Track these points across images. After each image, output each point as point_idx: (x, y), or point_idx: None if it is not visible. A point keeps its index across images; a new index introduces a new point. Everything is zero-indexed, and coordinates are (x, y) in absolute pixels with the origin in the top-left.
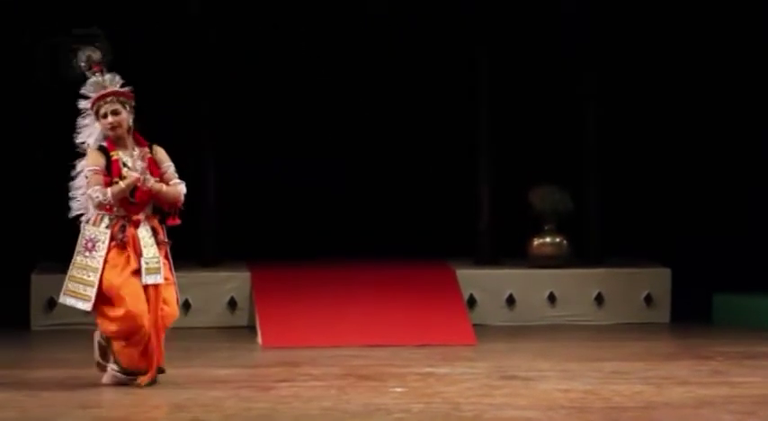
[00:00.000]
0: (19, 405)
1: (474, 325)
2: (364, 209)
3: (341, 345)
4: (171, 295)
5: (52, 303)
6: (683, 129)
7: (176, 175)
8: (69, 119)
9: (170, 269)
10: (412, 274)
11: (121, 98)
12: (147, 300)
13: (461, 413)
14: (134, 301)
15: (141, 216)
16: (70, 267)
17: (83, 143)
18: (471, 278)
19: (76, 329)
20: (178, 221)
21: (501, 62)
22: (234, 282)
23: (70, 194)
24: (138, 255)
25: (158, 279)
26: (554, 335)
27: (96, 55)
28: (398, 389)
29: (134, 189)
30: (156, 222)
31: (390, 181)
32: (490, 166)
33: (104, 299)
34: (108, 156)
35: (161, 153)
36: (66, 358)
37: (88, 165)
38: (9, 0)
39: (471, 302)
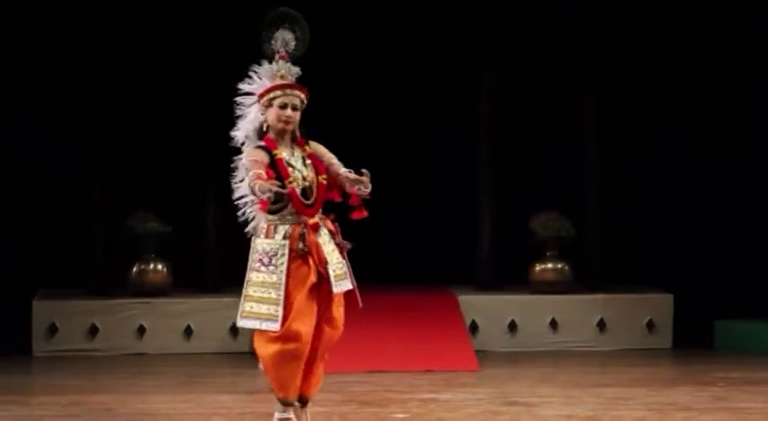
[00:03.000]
0: None
1: (476, 351)
2: (366, 234)
3: (343, 371)
4: (340, 314)
5: (54, 329)
6: (686, 156)
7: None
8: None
9: (351, 275)
10: (414, 300)
11: (302, 95)
12: (322, 314)
13: None
14: (299, 320)
15: (317, 219)
16: (245, 286)
17: (239, 140)
18: (473, 304)
19: (78, 355)
20: (366, 213)
21: (505, 83)
22: (236, 307)
23: (237, 202)
24: (323, 262)
25: (347, 285)
26: (556, 361)
27: (291, 41)
28: (400, 416)
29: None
30: (330, 224)
31: (392, 207)
32: (492, 193)
33: None
34: (271, 155)
35: (320, 147)
36: (67, 384)
37: (248, 156)
38: None
39: (473, 328)
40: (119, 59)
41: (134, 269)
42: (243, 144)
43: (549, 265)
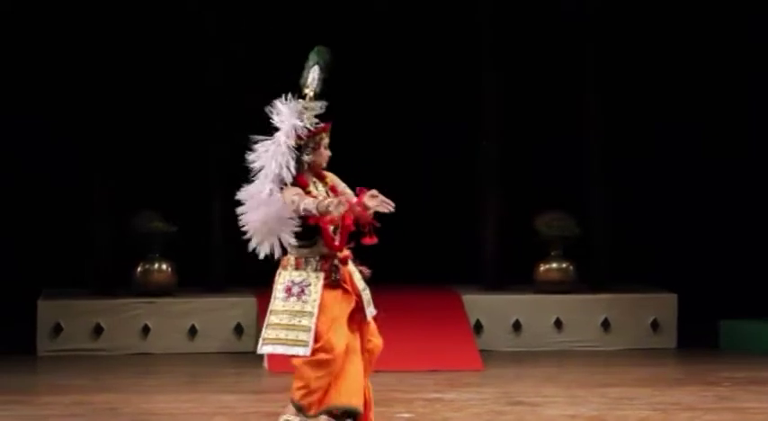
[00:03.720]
0: None
1: (480, 350)
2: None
3: None
4: (374, 327)
5: (58, 329)
6: (691, 155)
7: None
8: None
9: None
10: (419, 300)
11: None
12: (360, 336)
13: None
14: (336, 336)
15: (347, 251)
16: (268, 315)
17: (263, 169)
18: (478, 303)
19: (83, 355)
20: (375, 240)
21: (507, 83)
22: (240, 307)
23: (243, 226)
24: (357, 291)
25: (373, 310)
26: (560, 361)
27: (320, 80)
28: (405, 415)
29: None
30: (346, 258)
31: (397, 206)
32: (497, 193)
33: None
34: (305, 192)
35: (336, 178)
36: (71, 384)
37: (291, 193)
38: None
39: (478, 328)
40: (120, 59)
41: (138, 269)
42: (263, 169)
43: (554, 265)
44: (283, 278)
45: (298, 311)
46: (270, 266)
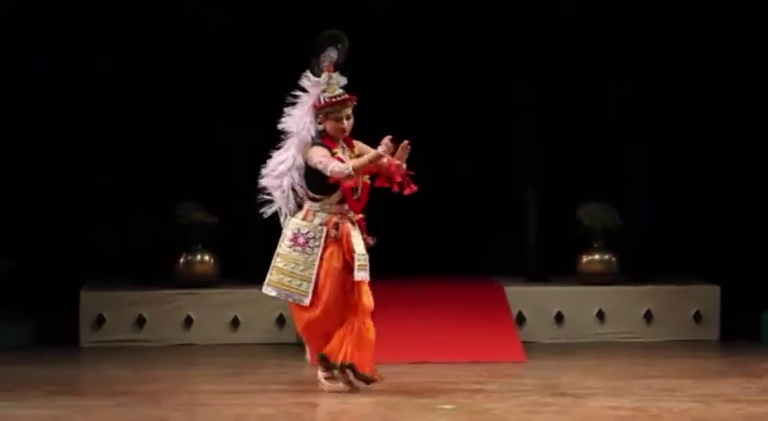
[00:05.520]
0: None
1: (523, 342)
2: (413, 226)
3: (389, 363)
4: (367, 301)
5: (101, 320)
6: (733, 145)
7: None
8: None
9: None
10: (461, 292)
11: (354, 104)
12: (353, 295)
13: None
14: (329, 295)
15: (360, 215)
16: (274, 258)
17: (286, 132)
18: (520, 295)
19: (125, 346)
20: (415, 188)
21: (547, 76)
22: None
23: (264, 184)
24: (350, 251)
25: (366, 277)
26: (603, 353)
27: (335, 55)
28: (447, 407)
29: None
30: (360, 221)
31: (439, 198)
32: (539, 184)
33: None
34: (332, 153)
35: (364, 146)
36: (114, 374)
37: (320, 154)
38: None
39: (520, 319)
40: (165, 49)
41: (181, 260)
42: (287, 133)
43: (596, 256)
44: (293, 224)
45: (302, 261)
46: None
